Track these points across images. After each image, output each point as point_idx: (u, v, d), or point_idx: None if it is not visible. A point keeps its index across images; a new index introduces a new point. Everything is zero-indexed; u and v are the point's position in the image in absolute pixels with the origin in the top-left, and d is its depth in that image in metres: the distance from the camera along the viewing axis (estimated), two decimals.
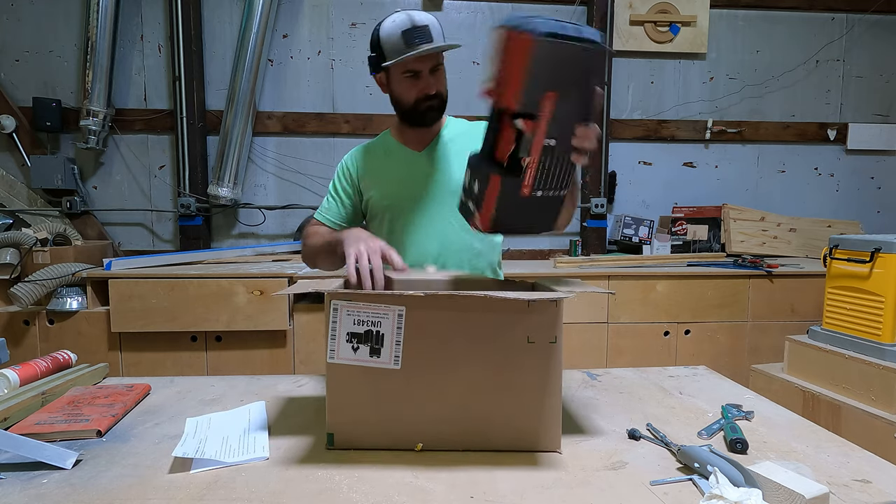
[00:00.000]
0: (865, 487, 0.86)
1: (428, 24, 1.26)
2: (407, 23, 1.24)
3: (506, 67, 0.85)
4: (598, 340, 2.79)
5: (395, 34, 1.24)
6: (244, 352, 2.61)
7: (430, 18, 1.27)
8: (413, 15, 1.26)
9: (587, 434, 1.05)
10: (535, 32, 0.80)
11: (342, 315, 0.93)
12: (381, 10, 3.23)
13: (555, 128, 0.89)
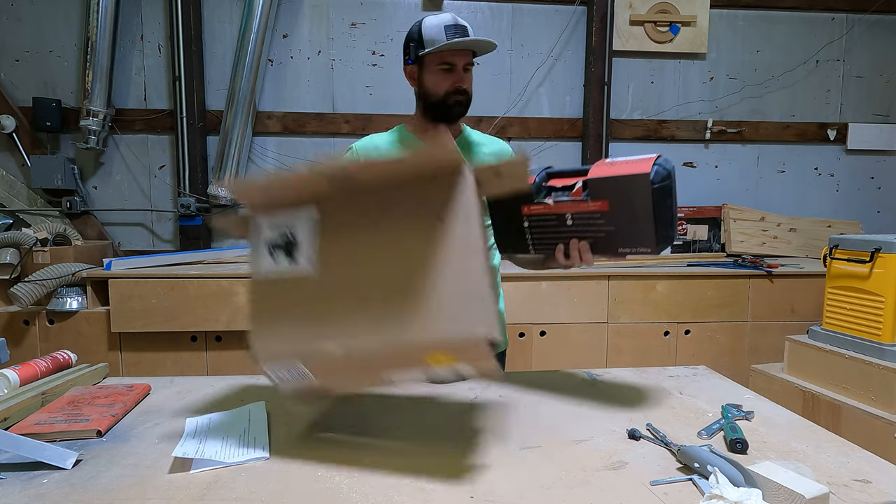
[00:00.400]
0: (865, 487, 0.86)
1: (468, 26, 1.36)
2: (450, 20, 1.35)
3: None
4: (598, 340, 2.79)
5: (437, 27, 1.34)
6: (244, 352, 2.61)
7: (467, 22, 1.38)
8: (456, 16, 1.37)
9: (587, 434, 1.05)
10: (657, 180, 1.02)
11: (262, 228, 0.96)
12: (381, 10, 3.23)
13: (581, 217, 1.10)
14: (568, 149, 3.41)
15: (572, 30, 3.34)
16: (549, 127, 3.37)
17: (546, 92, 3.38)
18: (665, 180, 1.03)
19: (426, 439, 1.03)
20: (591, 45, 3.28)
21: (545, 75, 3.36)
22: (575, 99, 3.40)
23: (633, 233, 1.06)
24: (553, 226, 1.14)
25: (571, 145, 3.41)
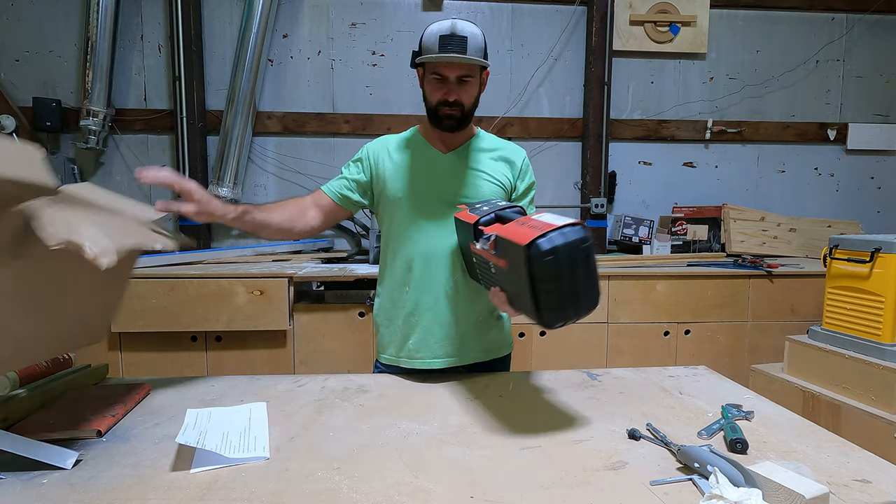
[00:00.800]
0: (865, 487, 0.86)
1: (468, 36, 1.31)
2: (447, 29, 1.30)
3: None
4: (598, 340, 2.79)
5: (433, 36, 1.31)
6: (244, 352, 2.61)
7: (473, 32, 1.33)
8: (458, 24, 1.32)
9: (587, 434, 1.05)
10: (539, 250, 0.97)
11: None
12: (381, 10, 3.23)
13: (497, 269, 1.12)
14: (568, 149, 3.41)
15: (572, 30, 3.34)
16: (549, 127, 3.37)
17: (546, 92, 3.38)
18: (547, 255, 0.95)
19: (426, 439, 1.03)
20: (591, 45, 3.28)
21: (545, 75, 3.36)
22: (575, 99, 3.40)
23: (520, 301, 1.05)
24: (486, 268, 1.17)
25: (571, 145, 3.41)
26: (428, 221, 1.39)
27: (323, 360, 2.62)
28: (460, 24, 1.33)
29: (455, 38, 1.31)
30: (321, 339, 2.64)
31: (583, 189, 3.39)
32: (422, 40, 1.34)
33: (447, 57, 1.29)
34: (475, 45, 1.33)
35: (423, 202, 1.40)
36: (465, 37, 1.31)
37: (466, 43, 1.31)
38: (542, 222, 1.02)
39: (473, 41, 1.33)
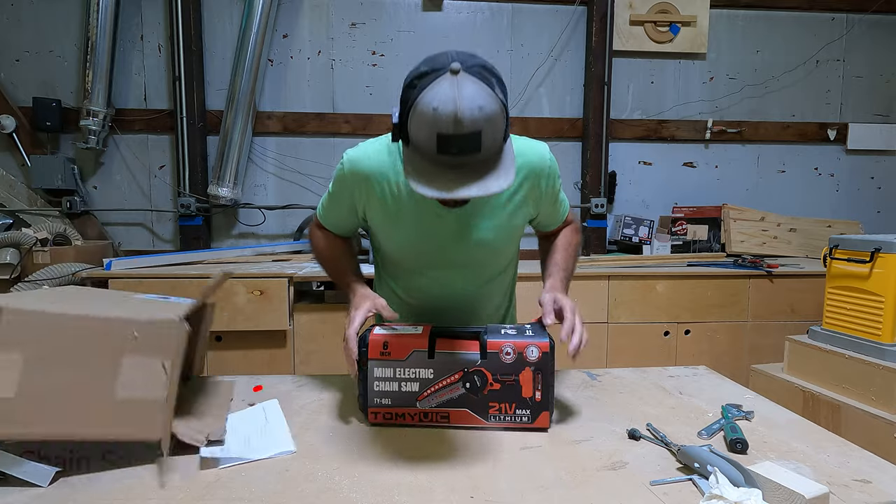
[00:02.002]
0: (865, 487, 0.86)
1: (482, 128, 0.87)
2: (449, 122, 0.86)
3: None
4: (598, 340, 2.79)
5: (428, 130, 0.88)
6: (244, 352, 2.61)
7: (487, 116, 0.87)
8: (463, 109, 0.86)
9: (587, 434, 1.05)
10: None
11: None
12: (381, 10, 3.23)
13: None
14: (568, 149, 3.41)
15: (572, 30, 3.34)
16: (549, 127, 3.37)
17: (546, 92, 3.38)
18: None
19: (426, 439, 1.03)
20: (591, 45, 3.28)
21: (545, 75, 3.36)
22: (575, 99, 3.40)
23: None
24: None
25: (571, 145, 3.41)
26: (430, 280, 1.25)
27: (323, 360, 2.62)
28: (467, 104, 0.86)
29: (462, 138, 0.87)
30: (321, 339, 2.64)
31: (583, 189, 3.39)
32: (410, 114, 0.91)
33: (457, 195, 0.90)
34: (494, 134, 0.90)
35: (422, 260, 1.23)
36: (477, 132, 0.87)
37: (479, 140, 0.88)
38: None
39: (491, 131, 0.89)
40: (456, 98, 0.86)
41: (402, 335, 1.09)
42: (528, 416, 1.06)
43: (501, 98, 0.91)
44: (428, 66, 0.91)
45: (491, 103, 0.88)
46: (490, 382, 1.05)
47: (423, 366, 1.06)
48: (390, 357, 1.06)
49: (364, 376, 1.08)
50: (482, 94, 0.88)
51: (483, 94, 0.88)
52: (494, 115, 0.89)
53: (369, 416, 1.08)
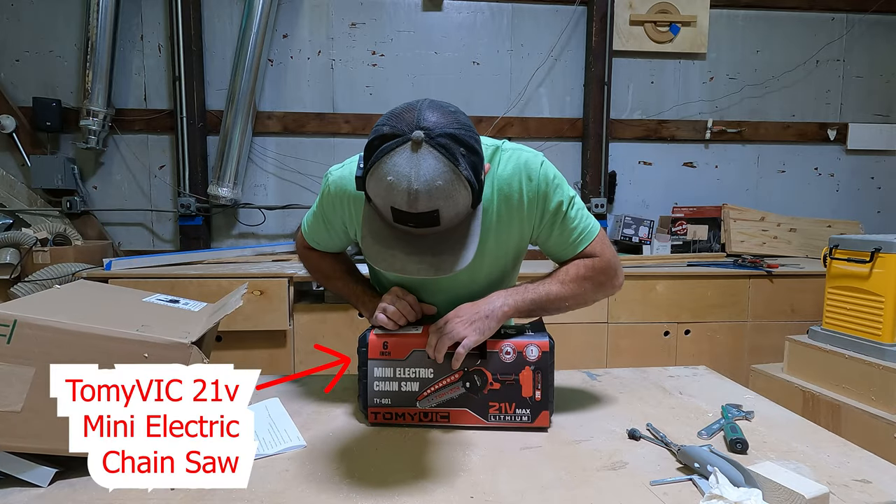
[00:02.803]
0: (865, 487, 0.86)
1: (440, 207, 0.82)
2: (402, 198, 0.81)
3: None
4: (598, 340, 2.79)
5: (383, 200, 0.84)
6: (244, 352, 2.61)
7: (446, 191, 0.82)
8: (419, 190, 0.80)
9: (587, 434, 1.05)
10: None
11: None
12: (381, 10, 3.23)
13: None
14: (568, 149, 3.41)
15: (572, 30, 3.34)
16: (549, 127, 3.37)
17: (546, 92, 3.38)
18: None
19: (426, 439, 1.03)
20: (591, 45, 3.28)
21: (545, 75, 3.36)
22: (575, 99, 3.40)
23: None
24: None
25: (571, 145, 3.41)
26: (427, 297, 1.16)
27: (323, 360, 2.62)
28: (424, 180, 0.80)
29: (416, 216, 0.83)
30: (321, 339, 2.64)
31: (583, 189, 3.39)
32: (366, 176, 0.86)
33: (410, 276, 0.88)
34: (454, 209, 0.85)
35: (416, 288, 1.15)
36: (434, 211, 0.82)
37: (439, 218, 0.84)
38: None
39: (450, 207, 0.84)
40: (411, 177, 0.80)
41: (402, 335, 1.09)
42: (528, 415, 1.06)
43: (467, 174, 0.83)
44: (391, 126, 0.83)
45: (451, 180, 0.82)
46: (490, 382, 1.05)
47: (422, 365, 1.06)
48: (390, 357, 1.06)
49: (364, 376, 1.07)
50: (442, 170, 0.81)
51: (442, 171, 0.81)
52: (454, 193, 0.83)
53: (369, 416, 1.08)
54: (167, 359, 0.88)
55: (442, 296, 1.16)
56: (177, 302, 1.16)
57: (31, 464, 0.87)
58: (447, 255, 0.87)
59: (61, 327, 0.86)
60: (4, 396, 0.84)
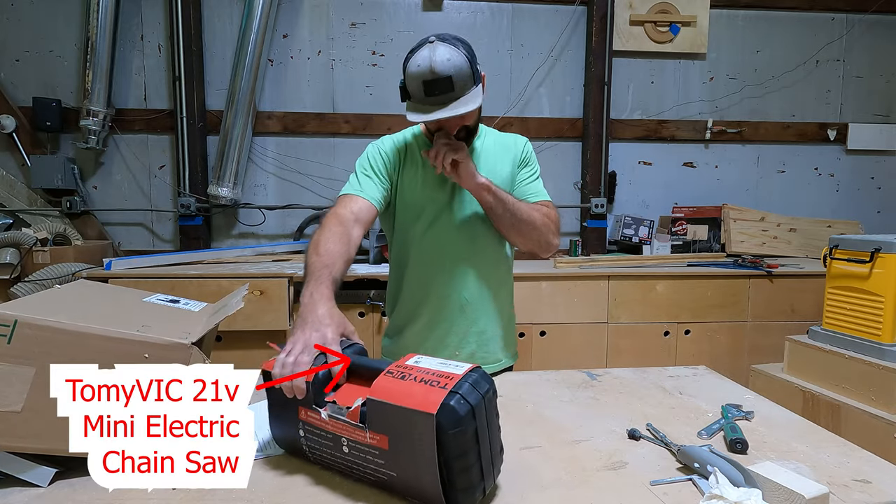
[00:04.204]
0: (865, 487, 0.86)
1: (452, 74, 1.19)
2: (427, 71, 1.19)
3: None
4: (598, 340, 2.79)
5: (417, 80, 1.21)
6: (244, 352, 2.61)
7: (455, 66, 1.20)
8: (436, 62, 1.18)
9: (587, 434, 1.05)
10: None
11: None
12: (381, 10, 3.23)
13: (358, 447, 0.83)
14: (568, 149, 3.41)
15: (572, 30, 3.34)
16: (549, 127, 3.37)
17: (546, 92, 3.38)
18: (465, 420, 0.74)
19: None
20: (591, 45, 3.28)
21: (545, 75, 3.36)
22: (575, 99, 3.40)
23: (413, 485, 0.79)
24: (329, 446, 0.85)
25: (571, 145, 3.41)
26: (443, 231, 1.39)
27: None
28: (440, 60, 1.19)
29: (438, 82, 1.19)
30: None
31: (583, 189, 3.39)
32: (405, 77, 1.25)
33: (435, 118, 1.21)
34: (462, 78, 1.21)
35: (437, 211, 1.38)
36: (448, 77, 1.19)
37: (452, 82, 1.20)
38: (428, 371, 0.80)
39: (459, 76, 1.20)
40: (431, 57, 1.19)
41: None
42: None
43: (466, 54, 1.22)
44: (416, 43, 1.25)
45: (457, 57, 1.20)
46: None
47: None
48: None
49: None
50: (450, 51, 1.21)
51: (451, 52, 1.21)
52: (461, 64, 1.21)
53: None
54: (167, 359, 0.88)
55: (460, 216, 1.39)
56: (177, 302, 1.16)
57: (31, 464, 0.87)
58: (459, 107, 1.22)
59: (61, 327, 0.86)
60: (4, 396, 0.84)
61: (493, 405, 0.82)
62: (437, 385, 0.77)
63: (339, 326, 0.97)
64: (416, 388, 0.77)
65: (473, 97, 1.24)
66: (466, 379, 0.78)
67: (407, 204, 1.40)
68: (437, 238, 1.39)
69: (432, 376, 0.79)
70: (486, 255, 1.43)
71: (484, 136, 1.45)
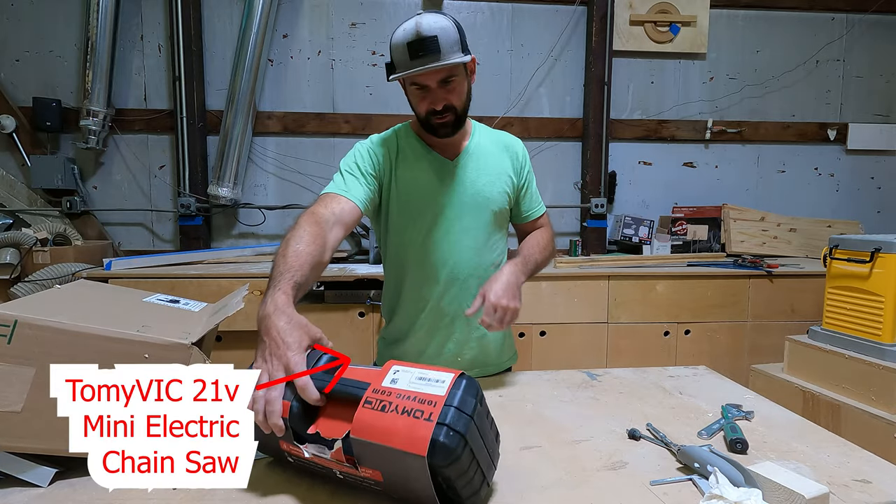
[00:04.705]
0: (865, 487, 0.86)
1: (437, 34, 1.18)
2: (412, 33, 1.18)
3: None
4: (598, 340, 2.79)
5: (401, 45, 1.20)
6: (244, 352, 2.61)
7: (442, 26, 1.20)
8: (422, 24, 1.18)
9: (587, 434, 1.05)
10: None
11: None
12: (381, 10, 3.23)
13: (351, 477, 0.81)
14: (568, 149, 3.41)
15: (572, 30, 3.34)
16: (549, 127, 3.37)
17: (546, 92, 3.38)
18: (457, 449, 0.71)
19: None
20: (591, 45, 3.28)
21: (545, 75, 3.36)
22: (575, 99, 3.40)
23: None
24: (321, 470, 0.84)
25: (571, 145, 3.41)
26: (437, 235, 1.35)
27: None
28: (426, 23, 1.19)
29: (424, 41, 1.18)
30: None
31: (583, 189, 3.39)
32: (391, 50, 1.23)
33: (419, 70, 1.19)
34: (448, 40, 1.20)
35: (432, 214, 1.34)
36: (434, 36, 1.18)
37: (438, 42, 1.18)
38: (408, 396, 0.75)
39: (445, 37, 1.19)
40: (417, 20, 1.20)
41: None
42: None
43: (454, 22, 1.23)
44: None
45: (443, 20, 1.21)
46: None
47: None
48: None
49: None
50: (437, 16, 1.22)
51: (437, 16, 1.22)
52: (447, 26, 1.21)
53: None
54: (167, 359, 0.88)
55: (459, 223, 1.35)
56: (177, 302, 1.16)
57: (31, 464, 0.87)
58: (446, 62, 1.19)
59: (61, 327, 0.86)
60: (4, 396, 0.84)
61: (483, 416, 0.78)
62: (420, 416, 0.72)
63: (303, 340, 0.87)
64: (399, 421, 0.73)
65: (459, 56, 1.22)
66: (451, 401, 0.73)
67: (403, 206, 1.35)
68: (437, 246, 1.35)
69: (414, 403, 0.74)
70: (488, 263, 1.39)
71: (478, 135, 1.42)
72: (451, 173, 1.36)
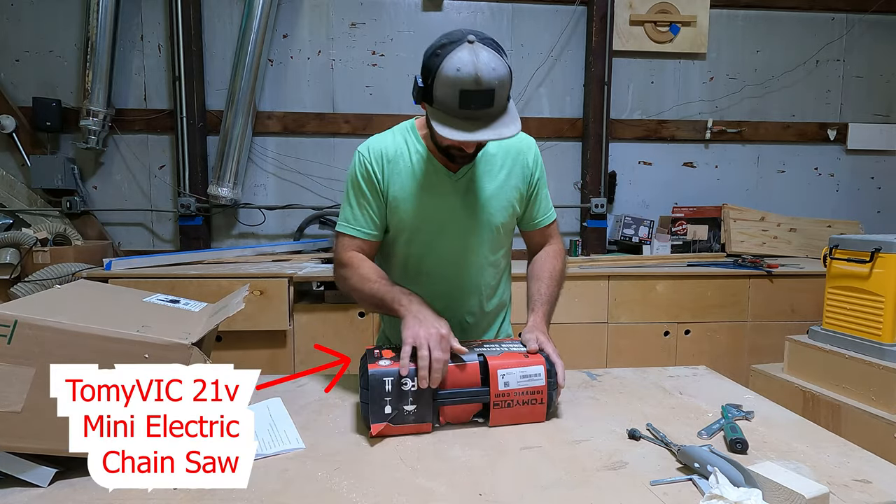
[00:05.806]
0: (865, 487, 0.86)
1: (495, 87, 1.05)
2: (471, 81, 1.04)
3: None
4: (598, 340, 2.79)
5: (452, 88, 1.05)
6: (244, 352, 2.61)
7: (499, 77, 1.06)
8: (482, 71, 1.03)
9: (587, 434, 1.05)
10: None
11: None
12: (381, 10, 3.23)
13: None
14: (568, 149, 3.41)
15: (572, 30, 3.34)
16: (549, 127, 3.37)
17: (546, 92, 3.38)
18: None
19: (426, 439, 1.03)
20: (591, 45, 3.28)
21: (545, 75, 3.36)
22: (575, 99, 3.40)
23: None
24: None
25: (571, 145, 3.41)
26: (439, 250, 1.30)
27: (323, 360, 2.62)
28: (485, 69, 1.04)
29: (480, 93, 1.05)
30: (321, 339, 2.64)
31: (583, 189, 3.39)
32: (436, 79, 1.07)
33: (471, 139, 1.08)
34: (503, 93, 1.08)
35: (434, 229, 1.28)
36: (491, 90, 1.05)
37: (493, 97, 1.06)
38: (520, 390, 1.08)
39: (501, 89, 1.07)
40: (475, 62, 1.04)
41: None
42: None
43: (508, 64, 1.09)
44: (446, 39, 1.09)
45: (502, 66, 1.07)
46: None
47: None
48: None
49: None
50: (495, 59, 1.07)
51: (496, 59, 1.07)
52: (505, 76, 1.07)
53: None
54: (167, 359, 0.88)
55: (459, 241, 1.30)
56: (177, 302, 1.16)
57: (31, 464, 0.87)
58: (501, 127, 1.10)
59: (61, 327, 0.86)
60: (4, 396, 0.84)
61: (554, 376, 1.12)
62: (535, 403, 1.09)
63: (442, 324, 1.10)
64: (523, 410, 1.09)
65: (513, 115, 1.12)
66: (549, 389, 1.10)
67: (400, 220, 1.28)
68: (438, 263, 1.30)
69: (527, 395, 1.09)
70: (489, 279, 1.36)
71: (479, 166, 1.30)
72: (452, 188, 1.27)
